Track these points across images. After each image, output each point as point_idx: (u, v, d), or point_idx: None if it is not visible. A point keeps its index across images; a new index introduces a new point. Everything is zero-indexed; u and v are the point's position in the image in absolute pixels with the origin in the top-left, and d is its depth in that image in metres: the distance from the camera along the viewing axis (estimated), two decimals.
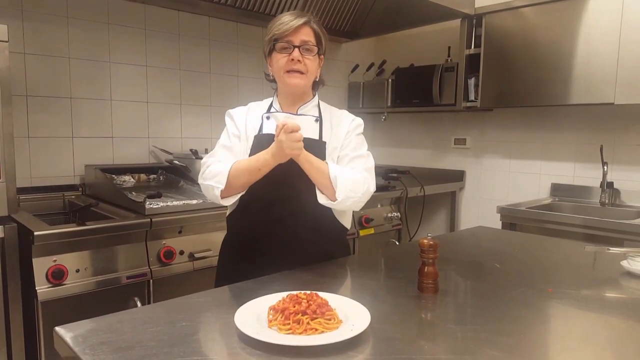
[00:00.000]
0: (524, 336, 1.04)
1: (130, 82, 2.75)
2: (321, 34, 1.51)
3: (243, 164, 1.43)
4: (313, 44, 1.48)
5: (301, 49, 1.45)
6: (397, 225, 3.12)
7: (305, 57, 1.46)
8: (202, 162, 1.53)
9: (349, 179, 1.42)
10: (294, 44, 1.45)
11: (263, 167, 1.40)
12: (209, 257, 2.16)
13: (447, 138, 3.70)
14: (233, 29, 3.16)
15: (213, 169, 1.46)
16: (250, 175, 1.42)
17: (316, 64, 1.51)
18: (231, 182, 1.42)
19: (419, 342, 1.00)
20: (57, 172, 2.52)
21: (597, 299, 1.29)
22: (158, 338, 0.97)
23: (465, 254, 1.77)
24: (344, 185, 1.40)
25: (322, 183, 1.42)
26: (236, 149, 1.53)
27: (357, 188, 1.43)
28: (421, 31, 3.61)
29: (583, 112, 2.97)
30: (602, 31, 2.58)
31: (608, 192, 2.83)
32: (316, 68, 1.52)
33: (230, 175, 1.41)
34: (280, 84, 1.54)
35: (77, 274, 1.85)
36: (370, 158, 1.56)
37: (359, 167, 1.51)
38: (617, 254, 1.58)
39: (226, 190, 1.43)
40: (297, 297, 1.05)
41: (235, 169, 1.42)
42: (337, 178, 1.40)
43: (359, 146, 1.56)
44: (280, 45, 1.46)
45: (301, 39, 1.45)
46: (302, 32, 1.46)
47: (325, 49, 1.54)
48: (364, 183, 1.46)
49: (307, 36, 1.47)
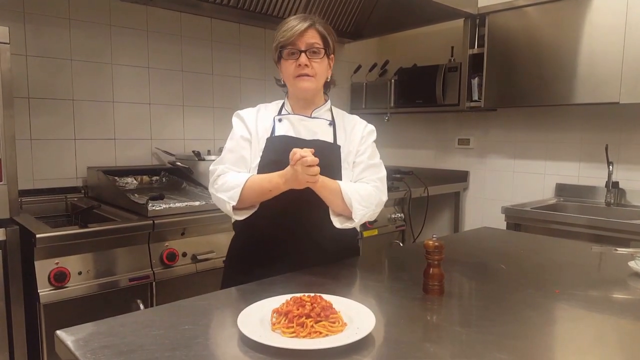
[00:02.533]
0: (531, 338, 1.02)
1: (132, 83, 2.74)
2: (327, 34, 1.49)
3: (255, 184, 1.41)
4: (319, 46, 1.46)
5: (308, 52, 1.45)
6: (400, 226, 3.10)
7: (313, 60, 1.45)
8: (210, 169, 1.52)
9: (362, 196, 1.42)
10: (300, 49, 1.44)
11: (274, 190, 1.39)
12: (212, 259, 2.15)
13: (451, 138, 3.68)
14: (235, 30, 3.15)
15: (227, 180, 1.44)
16: (261, 195, 1.42)
17: (325, 65, 1.50)
18: (244, 199, 1.42)
19: (425, 345, 0.99)
20: (59, 174, 2.51)
21: (605, 301, 1.27)
22: (160, 342, 0.96)
23: (470, 255, 1.75)
24: (359, 203, 1.41)
25: (337, 205, 1.42)
26: (245, 153, 1.51)
27: (370, 202, 1.44)
28: (424, 31, 3.59)
29: (588, 111, 2.95)
30: (606, 30, 2.56)
31: (613, 192, 2.81)
32: (325, 69, 1.51)
33: (243, 192, 1.41)
34: (291, 88, 1.53)
35: (79, 276, 1.84)
36: (382, 167, 1.57)
37: (372, 176, 1.51)
38: (624, 255, 1.56)
39: (238, 204, 1.43)
40: (301, 300, 1.04)
41: (248, 187, 1.41)
42: (352, 199, 1.40)
43: (373, 154, 1.56)
44: (287, 52, 1.46)
45: (307, 43, 1.44)
46: (307, 36, 1.45)
47: (333, 49, 1.53)
48: (375, 195, 1.47)
49: (312, 39, 1.45)
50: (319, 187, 1.38)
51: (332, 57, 1.53)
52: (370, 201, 1.44)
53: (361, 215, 1.41)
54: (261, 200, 1.44)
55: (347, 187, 1.42)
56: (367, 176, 1.51)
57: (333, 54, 1.54)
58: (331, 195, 1.40)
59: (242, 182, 1.41)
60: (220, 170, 1.48)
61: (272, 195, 1.40)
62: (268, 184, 1.39)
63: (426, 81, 3.34)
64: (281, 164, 1.37)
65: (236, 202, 1.41)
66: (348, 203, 1.39)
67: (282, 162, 1.37)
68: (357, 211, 1.40)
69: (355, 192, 1.41)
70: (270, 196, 1.41)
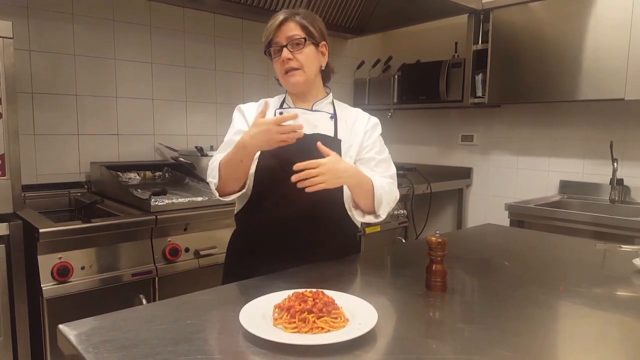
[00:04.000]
0: (535, 336, 1.01)
1: (135, 79, 2.74)
2: (308, 24, 1.45)
3: (227, 156, 1.40)
4: (300, 36, 1.43)
5: (289, 45, 1.43)
6: (403, 222, 3.10)
7: (296, 53, 1.44)
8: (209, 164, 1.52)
9: (388, 193, 1.44)
10: (281, 44, 1.44)
11: (239, 151, 1.35)
12: (215, 254, 2.16)
13: (454, 135, 3.67)
14: (238, 25, 3.14)
15: (211, 164, 1.46)
16: (235, 166, 1.38)
17: (312, 55, 1.46)
18: (222, 176, 1.41)
19: (427, 342, 0.98)
20: (62, 170, 2.52)
21: (609, 298, 1.26)
22: (162, 336, 0.96)
23: (473, 251, 1.74)
24: (388, 203, 1.44)
25: (364, 201, 1.44)
26: None
27: (393, 199, 1.48)
28: (428, 27, 3.58)
29: (592, 108, 2.93)
30: (611, 25, 2.54)
31: (618, 189, 2.80)
32: (313, 59, 1.47)
33: (220, 169, 1.40)
34: (284, 86, 1.54)
35: (82, 271, 1.84)
36: (392, 163, 1.57)
37: (385, 173, 1.51)
38: (629, 252, 1.55)
39: (222, 184, 1.42)
40: (303, 295, 1.04)
41: (223, 163, 1.40)
42: (382, 197, 1.42)
43: (382, 149, 1.56)
44: (273, 50, 1.46)
45: (287, 36, 1.43)
46: (285, 29, 1.43)
47: (321, 36, 1.49)
48: (394, 191, 1.50)
49: (291, 31, 1.43)
50: (355, 184, 1.39)
51: (322, 44, 1.50)
52: (392, 198, 1.48)
53: (385, 212, 1.46)
54: (241, 175, 1.40)
55: (378, 182, 1.44)
56: (379, 172, 1.51)
57: (324, 41, 1.50)
58: (364, 193, 1.42)
59: (218, 160, 1.42)
60: (215, 161, 1.48)
61: (245, 162, 1.36)
62: (234, 151, 1.35)
63: (430, 77, 3.33)
64: (280, 157, 1.37)
65: (216, 179, 1.41)
66: (378, 201, 1.41)
67: (282, 155, 1.37)
68: (384, 209, 1.44)
69: (385, 192, 1.43)
70: (245, 164, 1.37)
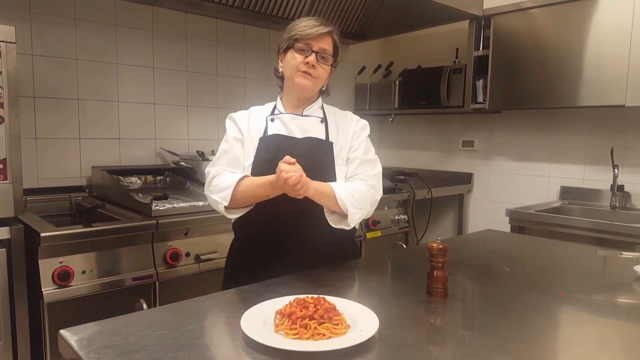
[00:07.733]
0: (536, 342, 1.01)
1: (137, 83, 2.75)
2: (339, 46, 1.55)
3: (248, 187, 1.42)
4: (330, 53, 1.50)
5: (318, 55, 1.47)
6: (404, 228, 3.10)
7: (320, 64, 1.48)
8: (205, 171, 1.53)
9: (356, 198, 1.42)
10: (313, 49, 1.47)
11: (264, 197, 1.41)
12: (215, 259, 2.15)
13: (455, 140, 3.67)
14: (240, 30, 3.15)
15: (220, 181, 1.45)
16: (254, 199, 1.44)
17: (327, 73, 1.54)
18: (236, 199, 1.43)
19: (428, 348, 0.98)
20: (63, 174, 2.52)
21: (610, 305, 1.26)
22: (163, 342, 0.96)
23: (474, 257, 1.74)
24: (354, 207, 1.41)
25: (332, 207, 1.43)
26: (237, 153, 1.52)
27: (364, 203, 1.45)
28: (429, 33, 3.59)
29: (593, 114, 2.93)
30: (612, 32, 2.55)
31: (618, 196, 2.79)
32: (325, 77, 1.54)
33: (235, 193, 1.42)
34: (288, 81, 1.54)
35: (83, 275, 1.84)
36: (378, 163, 1.57)
37: (367, 173, 1.51)
38: (629, 259, 1.55)
39: (232, 205, 1.44)
40: (304, 302, 1.04)
41: (241, 191, 1.42)
42: (346, 203, 1.40)
43: (368, 150, 1.56)
44: (299, 46, 1.48)
45: (320, 46, 1.48)
46: (323, 40, 1.49)
47: (338, 63, 1.57)
48: (370, 195, 1.47)
49: (327, 45, 1.49)
50: (313, 194, 1.38)
51: (333, 69, 1.57)
52: (365, 202, 1.45)
53: (357, 218, 1.43)
54: (255, 202, 1.46)
55: (341, 190, 1.42)
56: (362, 172, 1.51)
57: (336, 67, 1.58)
58: (326, 200, 1.41)
59: (233, 183, 1.42)
60: (215, 172, 1.49)
61: (264, 199, 1.42)
62: (262, 192, 1.41)
63: (431, 83, 3.34)
64: (274, 163, 1.38)
65: (228, 203, 1.42)
66: (343, 207, 1.40)
67: (275, 160, 1.38)
68: (352, 215, 1.41)
69: (349, 196, 1.41)
70: (266, 198, 1.42)
